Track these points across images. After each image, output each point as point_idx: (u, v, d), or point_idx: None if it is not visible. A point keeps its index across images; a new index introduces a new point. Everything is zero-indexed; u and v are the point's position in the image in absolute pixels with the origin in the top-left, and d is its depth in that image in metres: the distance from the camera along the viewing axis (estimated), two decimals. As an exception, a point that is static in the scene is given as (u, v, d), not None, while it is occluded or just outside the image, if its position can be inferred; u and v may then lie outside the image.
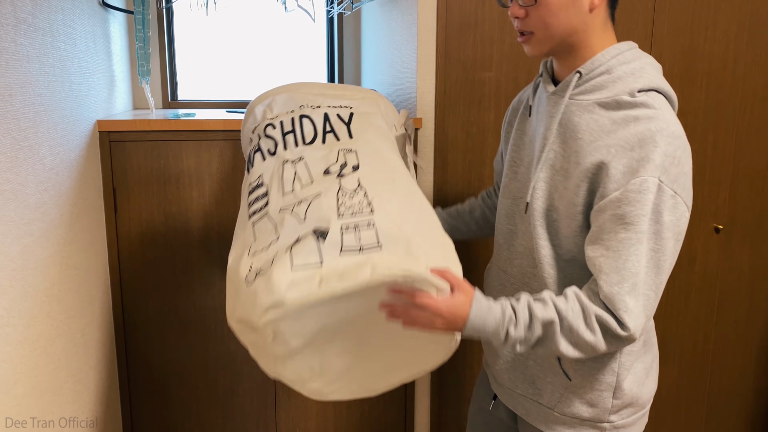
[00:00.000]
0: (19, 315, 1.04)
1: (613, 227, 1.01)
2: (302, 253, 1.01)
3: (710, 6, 1.96)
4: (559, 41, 1.10)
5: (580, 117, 1.10)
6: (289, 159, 1.18)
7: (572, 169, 1.09)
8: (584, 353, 1.05)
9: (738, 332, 2.26)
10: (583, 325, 1.02)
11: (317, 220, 1.06)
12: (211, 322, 1.82)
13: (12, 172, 1.02)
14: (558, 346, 1.03)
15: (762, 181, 2.14)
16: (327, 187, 1.11)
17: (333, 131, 1.23)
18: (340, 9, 2.34)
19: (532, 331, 1.03)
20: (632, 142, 1.01)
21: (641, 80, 1.07)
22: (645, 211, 0.99)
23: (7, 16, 1.02)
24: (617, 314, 1.01)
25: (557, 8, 1.06)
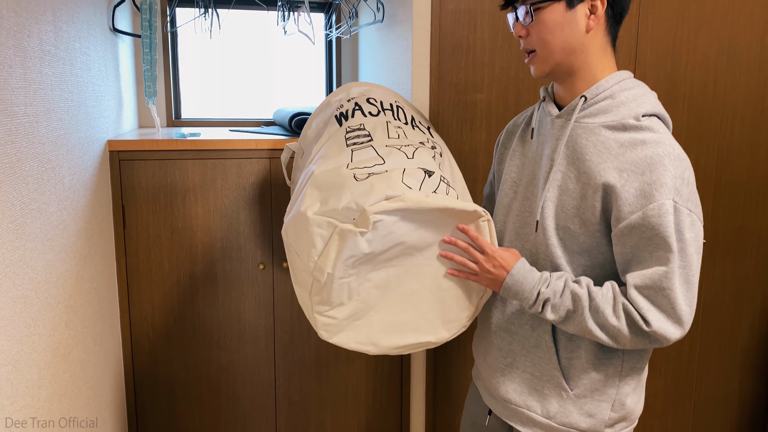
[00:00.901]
0: (44, 325, 1.12)
1: (643, 248, 1.09)
2: (412, 177, 1.19)
3: (691, 31, 2.06)
4: (559, 60, 1.16)
5: (587, 139, 1.15)
6: (392, 125, 1.38)
7: (583, 190, 1.15)
8: (613, 339, 1.13)
9: (722, 341, 2.34)
10: (609, 309, 1.11)
11: (423, 163, 1.26)
12: (215, 333, 1.90)
13: (38, 192, 1.10)
14: (586, 322, 1.12)
15: (742, 197, 2.23)
16: (427, 149, 1.34)
17: (419, 127, 1.46)
18: (339, 33, 2.43)
19: (563, 299, 1.14)
20: (642, 166, 1.08)
21: (644, 105, 1.15)
22: (670, 232, 1.06)
23: (35, 49, 1.11)
24: (641, 312, 1.09)
25: (553, 26, 1.13)
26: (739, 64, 2.13)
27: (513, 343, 1.30)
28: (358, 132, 1.36)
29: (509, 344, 1.31)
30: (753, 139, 2.20)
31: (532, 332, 1.26)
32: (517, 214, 1.29)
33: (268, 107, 2.59)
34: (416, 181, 1.18)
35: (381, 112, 1.44)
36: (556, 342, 1.23)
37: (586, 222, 1.15)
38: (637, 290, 1.10)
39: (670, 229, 1.06)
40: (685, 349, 2.31)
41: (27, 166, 1.05)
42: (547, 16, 1.14)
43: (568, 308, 1.14)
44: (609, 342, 1.13)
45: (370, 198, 1.12)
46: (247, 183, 1.84)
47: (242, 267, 1.88)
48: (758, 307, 2.34)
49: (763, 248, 2.29)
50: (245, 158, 1.82)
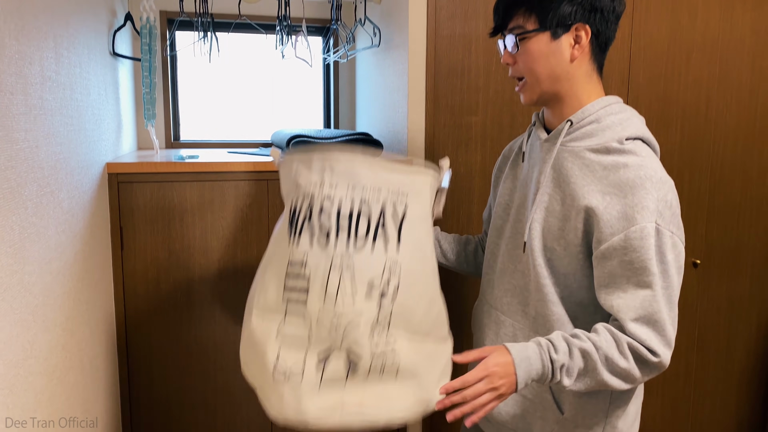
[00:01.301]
0: (40, 348, 1.12)
1: (624, 273, 1.09)
2: (332, 374, 1.14)
3: (682, 55, 2.09)
4: (546, 88, 1.20)
5: (572, 162, 1.18)
6: (337, 263, 1.17)
7: (567, 212, 1.17)
8: (624, 381, 1.11)
9: (719, 363, 2.34)
10: (617, 353, 1.09)
11: (353, 342, 1.14)
12: (212, 355, 1.90)
13: (36, 216, 1.12)
14: (602, 375, 1.09)
15: (736, 217, 2.25)
16: (367, 312, 1.15)
17: (385, 234, 1.20)
18: (336, 57, 2.47)
19: (573, 359, 1.09)
20: (624, 189, 1.09)
21: (628, 129, 1.17)
22: (651, 255, 1.07)
23: (36, 75, 1.13)
24: (646, 344, 1.09)
25: (538, 55, 1.17)
26: (730, 87, 2.16)
27: None
28: (299, 278, 1.18)
29: None
30: (745, 161, 2.22)
31: None
32: (509, 236, 1.31)
33: (267, 129, 2.62)
34: (339, 380, 1.14)
35: (330, 234, 1.19)
36: None
37: (569, 244, 1.17)
38: (635, 323, 1.09)
39: (651, 252, 1.07)
40: (681, 371, 2.31)
41: (26, 191, 1.06)
42: (533, 46, 1.17)
43: (580, 368, 1.10)
44: (622, 386, 1.12)
45: (278, 411, 1.15)
46: (244, 204, 1.85)
47: (239, 288, 1.89)
48: (754, 327, 2.35)
49: (758, 268, 2.31)
50: (243, 180, 1.84)
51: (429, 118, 1.94)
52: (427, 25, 1.89)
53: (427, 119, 1.94)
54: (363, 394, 1.15)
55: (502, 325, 1.32)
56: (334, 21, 2.25)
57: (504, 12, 1.21)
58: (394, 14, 2.03)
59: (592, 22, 1.16)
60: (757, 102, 2.20)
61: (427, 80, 1.92)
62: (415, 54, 1.90)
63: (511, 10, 1.19)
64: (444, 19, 1.90)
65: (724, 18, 2.12)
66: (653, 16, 2.04)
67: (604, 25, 1.18)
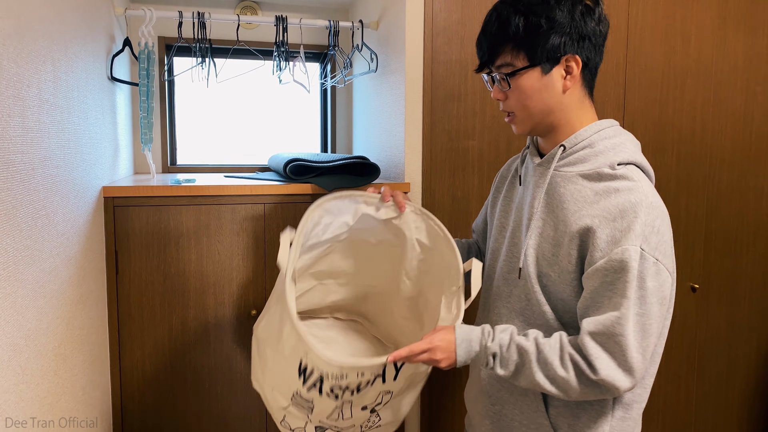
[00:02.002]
0: (32, 373, 1.10)
1: (604, 293, 1.07)
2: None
3: (677, 81, 2.11)
4: (539, 120, 1.19)
5: (565, 188, 1.17)
6: (341, 406, 1.27)
7: (560, 238, 1.15)
8: (563, 391, 1.10)
9: (719, 389, 2.32)
10: (557, 360, 1.09)
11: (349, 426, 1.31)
12: (206, 381, 1.87)
13: (31, 239, 1.11)
14: (534, 376, 1.11)
15: (733, 242, 2.25)
16: (361, 419, 1.32)
17: (384, 374, 1.26)
18: (333, 82, 2.48)
19: (509, 352, 1.13)
20: (614, 213, 1.07)
21: (621, 154, 1.15)
22: (630, 278, 1.04)
23: (33, 98, 1.13)
24: (589, 359, 1.06)
25: (531, 91, 1.16)
26: (724, 112, 2.18)
27: (501, 390, 1.29)
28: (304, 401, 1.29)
29: (498, 391, 1.30)
30: (741, 186, 2.23)
31: None
32: (504, 260, 1.31)
33: (264, 154, 2.62)
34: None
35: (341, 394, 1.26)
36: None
37: (563, 270, 1.15)
38: (590, 336, 1.07)
39: (631, 275, 1.04)
40: (681, 397, 2.29)
41: (22, 213, 1.06)
42: (524, 83, 1.15)
43: (516, 362, 1.13)
44: (558, 394, 1.12)
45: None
46: (240, 228, 1.84)
47: (234, 313, 1.87)
48: (754, 353, 2.34)
49: (757, 293, 2.30)
50: (239, 204, 1.83)
51: (426, 143, 1.94)
52: (424, 50, 1.91)
53: (424, 143, 1.95)
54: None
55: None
56: (332, 47, 2.27)
57: (489, 49, 1.18)
58: (391, 40, 2.05)
59: (582, 51, 1.15)
60: (752, 127, 2.21)
61: (423, 105, 1.93)
62: (412, 79, 1.91)
63: (497, 47, 1.17)
64: (440, 45, 1.92)
65: (717, 44, 2.14)
66: (648, 42, 2.06)
67: (593, 51, 1.17)
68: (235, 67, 2.47)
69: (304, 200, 1.88)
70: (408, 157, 1.95)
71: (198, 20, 2.06)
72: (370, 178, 1.95)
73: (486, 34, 1.19)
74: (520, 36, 1.13)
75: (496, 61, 1.18)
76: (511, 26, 1.13)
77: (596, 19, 1.16)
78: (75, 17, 1.46)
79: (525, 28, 1.13)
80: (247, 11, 2.48)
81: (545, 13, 1.12)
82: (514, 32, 1.13)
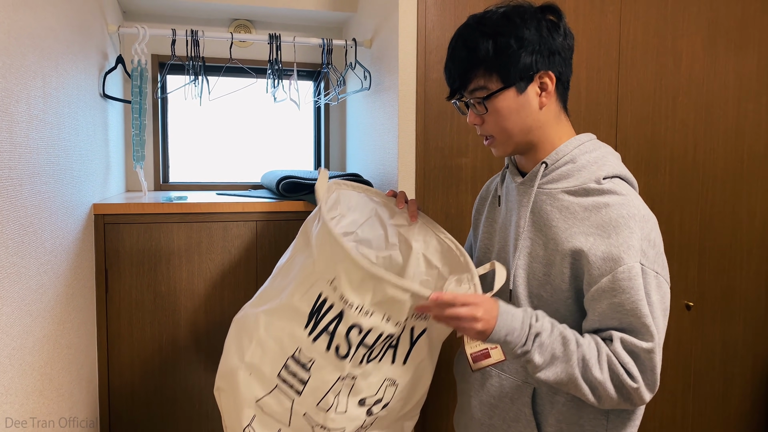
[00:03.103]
0: (16, 393, 1.08)
1: (614, 315, 1.06)
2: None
3: (669, 98, 2.12)
4: (519, 141, 1.17)
5: (551, 205, 1.15)
6: (340, 381, 1.16)
7: (551, 257, 1.13)
8: (593, 394, 1.06)
9: (715, 407, 2.30)
10: (594, 359, 1.05)
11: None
12: (196, 401, 1.84)
13: (17, 256, 1.09)
14: (574, 371, 1.05)
15: (727, 259, 2.25)
16: (355, 420, 1.18)
17: (394, 353, 1.19)
18: (327, 100, 2.48)
19: (552, 338, 1.05)
20: (608, 229, 1.06)
21: (605, 168, 1.14)
22: (640, 296, 1.03)
23: (22, 114, 1.12)
24: (626, 366, 1.05)
25: (508, 113, 1.14)
26: (716, 130, 2.19)
27: (493, 416, 1.26)
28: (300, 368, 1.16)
29: (489, 418, 1.27)
30: (734, 204, 2.23)
31: (512, 405, 1.22)
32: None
33: (257, 171, 2.61)
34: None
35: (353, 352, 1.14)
36: (536, 415, 1.19)
37: (556, 290, 1.13)
38: (620, 344, 1.05)
39: (640, 293, 1.04)
40: (677, 417, 2.27)
41: (8, 229, 1.04)
42: (501, 104, 1.13)
43: (554, 351, 1.06)
44: (589, 395, 1.07)
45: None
46: (232, 246, 1.83)
47: (225, 332, 1.84)
48: (749, 371, 2.32)
49: (751, 311, 2.29)
50: (231, 221, 1.82)
51: (419, 160, 1.94)
52: (417, 68, 1.91)
53: (418, 161, 1.94)
54: None
55: (489, 374, 1.27)
56: (325, 65, 2.28)
57: (461, 76, 1.16)
58: (385, 58, 2.06)
59: (554, 66, 1.15)
60: (744, 144, 2.22)
61: (417, 122, 1.93)
62: (405, 97, 1.92)
63: (468, 73, 1.15)
64: (433, 63, 1.92)
65: (708, 62, 2.16)
66: (639, 60, 2.07)
67: (563, 65, 1.17)
68: (228, 85, 2.47)
69: (296, 218, 1.87)
70: (401, 175, 1.94)
71: (191, 38, 2.06)
72: (363, 196, 1.94)
73: (455, 60, 1.16)
74: (490, 58, 1.12)
75: (468, 86, 1.16)
76: (480, 50, 1.12)
77: (562, 34, 1.15)
78: (67, 34, 1.45)
79: (495, 51, 1.11)
80: (240, 29, 2.49)
81: (513, 32, 1.11)
82: (483, 55, 1.12)
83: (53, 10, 1.33)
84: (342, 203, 1.39)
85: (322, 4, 2.38)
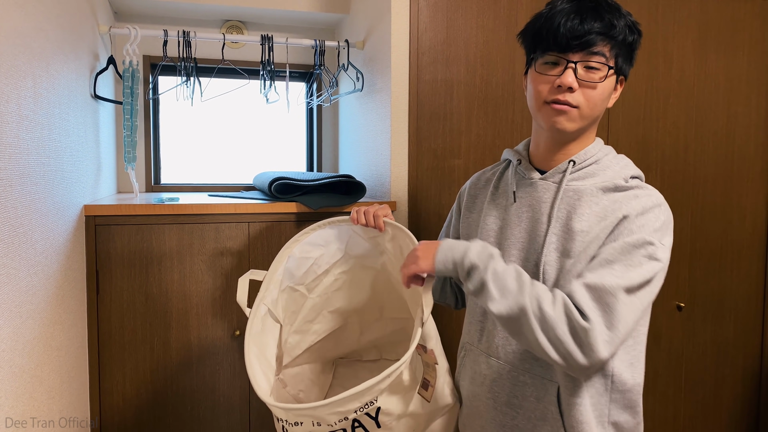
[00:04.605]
0: (5, 396, 1.07)
1: (617, 257, 1.08)
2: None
3: (660, 100, 2.14)
4: (591, 122, 1.19)
5: (581, 201, 1.16)
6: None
7: (585, 250, 1.13)
8: (547, 335, 1.03)
9: (706, 408, 2.31)
10: (549, 298, 1.04)
11: None
12: (188, 403, 1.83)
13: (7, 257, 1.08)
14: (524, 299, 1.04)
15: (718, 261, 2.26)
16: None
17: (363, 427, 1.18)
18: (319, 101, 2.48)
19: (507, 269, 1.08)
20: (638, 209, 1.12)
21: (627, 169, 1.20)
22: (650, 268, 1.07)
23: (12, 114, 1.11)
24: (578, 304, 1.03)
25: (605, 94, 1.17)
26: (707, 132, 2.20)
27: (517, 417, 1.22)
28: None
29: (513, 419, 1.23)
30: (724, 205, 2.25)
31: (538, 404, 1.19)
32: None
33: (249, 173, 2.60)
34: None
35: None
36: (562, 413, 1.17)
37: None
38: (585, 286, 1.05)
39: (652, 265, 1.06)
40: (669, 417, 2.28)
41: (-3, 231, 1.03)
42: (607, 84, 1.16)
43: (506, 281, 1.06)
44: (541, 337, 1.03)
45: None
46: (224, 248, 1.82)
47: (217, 334, 1.84)
48: (740, 371, 2.33)
49: (741, 312, 2.30)
50: (223, 223, 1.81)
51: (412, 161, 1.94)
52: (410, 70, 1.91)
53: (410, 162, 1.94)
54: None
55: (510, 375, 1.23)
56: (318, 66, 2.27)
57: (598, 33, 1.12)
58: (377, 59, 2.06)
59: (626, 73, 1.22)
60: (734, 146, 2.24)
61: (409, 124, 1.93)
62: (397, 98, 1.92)
63: (602, 36, 1.13)
64: (426, 65, 1.92)
65: (698, 65, 2.17)
66: (630, 63, 2.08)
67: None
68: (220, 86, 2.46)
69: (288, 219, 1.86)
70: (394, 176, 1.94)
71: (183, 39, 2.06)
72: (356, 197, 1.94)
73: (596, 17, 1.13)
74: (621, 39, 1.15)
75: (594, 46, 1.13)
76: (618, 27, 1.14)
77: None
78: (57, 34, 1.45)
79: (625, 38, 1.15)
80: (232, 30, 2.49)
81: (640, 33, 1.19)
82: (619, 32, 1.14)
83: (44, 10, 1.33)
84: (314, 246, 1.43)
85: (315, 5, 2.38)
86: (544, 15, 1.17)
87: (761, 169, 2.28)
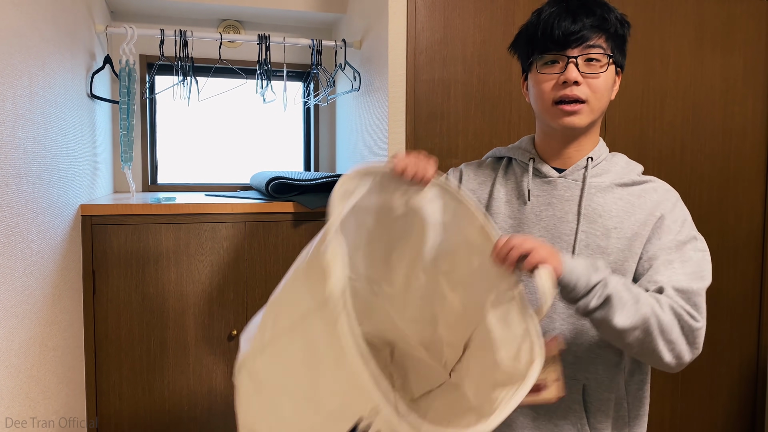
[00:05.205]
0: (1, 396, 1.07)
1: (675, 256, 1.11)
2: None
3: (656, 100, 2.14)
4: (599, 115, 1.19)
5: (602, 197, 1.18)
6: None
7: (616, 244, 1.14)
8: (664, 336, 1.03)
9: (702, 407, 2.32)
10: (657, 303, 1.03)
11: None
12: (185, 403, 1.83)
13: (3, 257, 1.08)
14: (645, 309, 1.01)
15: (715, 261, 2.26)
16: None
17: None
18: (316, 101, 2.48)
19: (627, 284, 1.03)
20: (666, 205, 1.15)
21: (632, 164, 1.24)
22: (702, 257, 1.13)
23: (8, 113, 1.10)
24: (685, 308, 1.04)
25: (608, 85, 1.18)
26: (703, 131, 2.20)
27: (538, 418, 1.20)
28: None
29: (533, 419, 1.21)
30: (721, 205, 2.25)
31: (560, 402, 1.17)
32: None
33: (246, 172, 2.60)
34: None
35: None
36: (587, 412, 1.18)
37: (627, 272, 1.15)
38: (675, 291, 1.06)
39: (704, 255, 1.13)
40: (666, 416, 2.28)
41: (-7, 231, 1.03)
42: (608, 75, 1.17)
43: (621, 293, 1.02)
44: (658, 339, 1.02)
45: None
46: (221, 247, 1.82)
47: (214, 334, 1.84)
48: (736, 370, 2.34)
49: (738, 312, 2.31)
50: (220, 222, 1.81)
51: (409, 161, 1.94)
52: (407, 69, 1.91)
53: (407, 162, 1.94)
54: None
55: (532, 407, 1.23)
56: (315, 66, 2.27)
57: (591, 28, 1.14)
58: (374, 59, 2.06)
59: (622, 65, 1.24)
60: (730, 147, 2.24)
61: (407, 124, 1.93)
62: (395, 98, 1.91)
63: (597, 30, 1.15)
64: (423, 64, 1.92)
65: (695, 65, 2.17)
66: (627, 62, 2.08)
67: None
68: (217, 86, 2.46)
69: (285, 219, 1.86)
70: (391, 176, 1.94)
71: (180, 38, 2.05)
72: (352, 197, 1.93)
73: (587, 12, 1.15)
74: (614, 31, 1.17)
75: (590, 40, 1.15)
76: (609, 20, 1.16)
77: None
78: (54, 33, 1.44)
79: (617, 30, 1.18)
80: (229, 30, 2.48)
81: (627, 27, 1.21)
82: (611, 25, 1.16)
83: (40, 10, 1.32)
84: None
85: (312, 4, 2.38)
86: (533, 22, 1.18)
87: (757, 168, 2.28)
